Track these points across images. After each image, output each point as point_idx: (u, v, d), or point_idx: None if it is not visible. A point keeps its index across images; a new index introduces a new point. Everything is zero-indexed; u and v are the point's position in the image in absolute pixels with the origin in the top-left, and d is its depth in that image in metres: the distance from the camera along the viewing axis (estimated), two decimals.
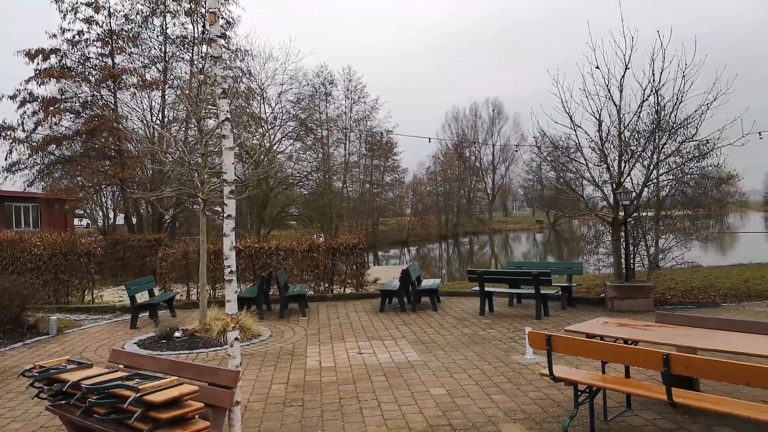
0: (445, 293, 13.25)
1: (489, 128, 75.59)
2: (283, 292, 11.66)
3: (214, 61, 4.40)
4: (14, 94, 22.94)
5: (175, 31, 24.82)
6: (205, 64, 23.18)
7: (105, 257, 16.82)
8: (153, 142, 20.98)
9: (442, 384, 6.53)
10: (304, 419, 5.56)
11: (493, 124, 76.11)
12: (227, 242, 4.51)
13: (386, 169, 48.93)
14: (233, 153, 4.55)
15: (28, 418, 5.88)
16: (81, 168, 22.87)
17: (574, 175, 14.13)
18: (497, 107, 75.91)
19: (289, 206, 33.50)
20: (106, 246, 18.49)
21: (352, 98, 43.37)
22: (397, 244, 48.22)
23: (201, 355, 8.40)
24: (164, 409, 3.80)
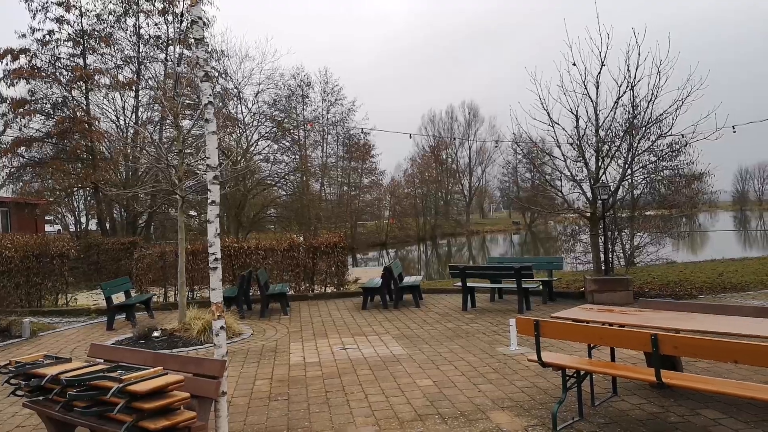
0: (426, 291, 13.23)
1: (465, 131, 76.10)
2: (264, 291, 11.51)
3: (197, 43, 4.30)
4: None
5: (149, 31, 24.46)
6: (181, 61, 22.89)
7: (78, 261, 16.41)
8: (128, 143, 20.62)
9: (428, 376, 6.49)
10: (291, 412, 5.46)
11: (469, 127, 76.67)
12: (211, 229, 4.40)
13: (364, 171, 48.88)
14: (216, 137, 4.45)
15: (4, 417, 5.68)
16: (52, 171, 22.31)
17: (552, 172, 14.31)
18: (473, 110, 76.55)
19: (267, 207, 33.19)
20: (80, 249, 18.05)
21: (329, 100, 43.31)
22: (375, 247, 48.14)
23: (181, 354, 8.20)
24: (149, 399, 3.67)
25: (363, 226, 52.35)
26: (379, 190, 53.00)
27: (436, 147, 68.56)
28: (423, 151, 68.00)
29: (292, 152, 36.04)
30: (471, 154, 76.61)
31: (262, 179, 31.43)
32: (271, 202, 33.79)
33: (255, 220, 30.92)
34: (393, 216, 56.44)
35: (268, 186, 32.65)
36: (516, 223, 73.53)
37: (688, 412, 5.00)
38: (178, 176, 9.82)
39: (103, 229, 24.66)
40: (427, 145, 68.75)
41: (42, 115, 23.04)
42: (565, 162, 12.58)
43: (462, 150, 74.99)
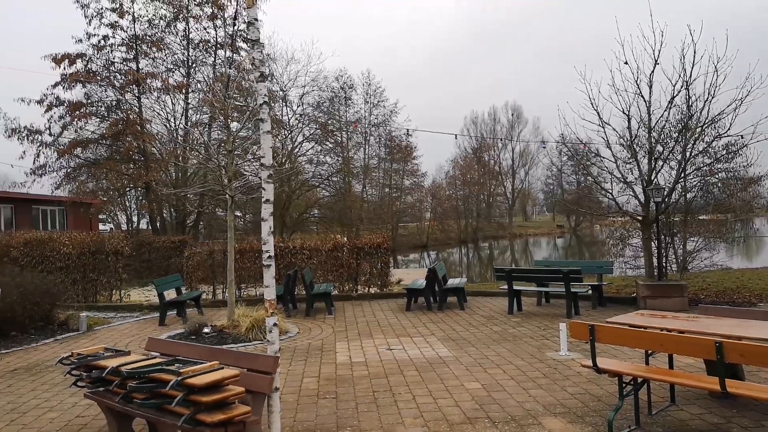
0: (470, 293, 13.09)
1: (508, 132, 75.16)
2: (309, 290, 11.63)
3: (252, 44, 4.38)
4: (41, 98, 23.27)
5: (198, 36, 25.08)
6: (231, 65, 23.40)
7: (131, 258, 16.94)
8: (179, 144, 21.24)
9: (476, 379, 6.41)
10: (339, 411, 5.48)
11: (512, 128, 75.68)
12: (265, 227, 4.47)
13: (406, 172, 48.83)
14: (270, 137, 4.51)
15: (64, 408, 5.90)
16: (106, 171, 23.15)
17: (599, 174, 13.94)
18: (516, 111, 75.50)
19: (310, 208, 33.59)
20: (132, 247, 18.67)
21: (372, 102, 43.44)
22: (416, 249, 48.03)
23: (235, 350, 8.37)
24: (206, 392, 3.75)
25: (404, 227, 52.34)
26: (421, 191, 52.86)
27: (478, 149, 67.95)
28: (465, 153, 67.51)
29: (335, 153, 36.40)
30: (514, 156, 75.66)
31: (306, 180, 31.83)
32: (315, 203, 34.17)
33: (299, 221, 31.34)
34: (434, 218, 56.23)
35: (311, 187, 33.03)
36: (560, 226, 72.09)
37: (752, 423, 4.77)
38: (227, 177, 10.02)
39: (153, 228, 25.43)
40: (469, 146, 68.22)
41: (97, 118, 23.92)
42: (615, 163, 12.25)
43: (504, 152, 74.14)
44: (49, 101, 23.09)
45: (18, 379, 7.10)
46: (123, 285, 14.29)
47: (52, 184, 24.65)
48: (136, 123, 23.02)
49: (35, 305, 10.09)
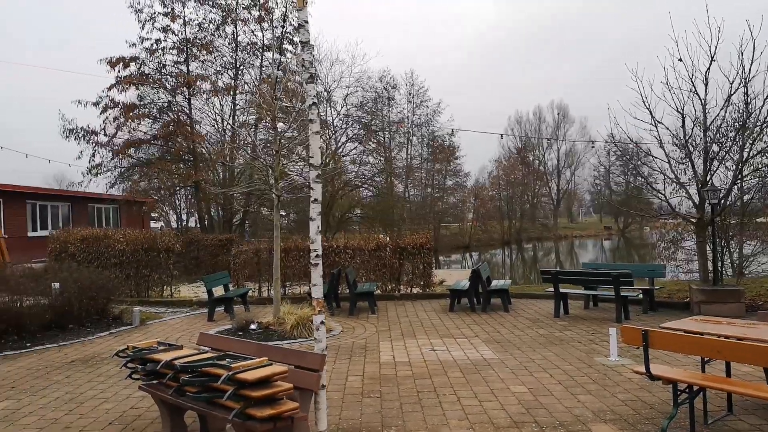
0: (514, 295, 12.89)
1: (554, 132, 73.64)
2: (353, 289, 11.71)
3: (302, 46, 4.43)
4: (97, 100, 24.27)
5: (245, 39, 25.62)
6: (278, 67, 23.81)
7: (181, 255, 17.43)
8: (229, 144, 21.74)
9: (522, 382, 6.31)
10: (384, 410, 5.50)
11: (558, 128, 74.13)
12: (313, 226, 4.52)
13: (448, 172, 48.56)
14: (319, 137, 4.56)
15: (119, 399, 6.12)
16: (158, 171, 23.94)
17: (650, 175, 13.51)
18: (562, 110, 73.86)
19: (353, 208, 33.82)
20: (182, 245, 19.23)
21: (414, 102, 43.40)
22: (458, 249, 47.68)
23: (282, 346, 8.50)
24: (255, 387, 3.82)
25: (446, 228, 52.06)
26: (463, 192, 52.45)
27: (522, 149, 66.90)
28: (509, 153, 66.60)
29: (377, 154, 36.52)
30: (559, 156, 74.08)
31: (349, 180, 32.06)
32: (358, 202, 34.38)
33: (342, 221, 31.59)
34: (476, 218, 55.71)
35: (354, 187, 33.25)
36: (608, 228, 70.24)
37: None
38: (274, 176, 10.20)
39: (202, 226, 26.14)
40: (513, 146, 67.26)
41: (149, 119, 24.77)
42: (668, 163, 11.84)
43: (550, 152, 72.72)
44: (105, 103, 24.05)
45: (75, 371, 7.42)
46: (173, 281, 14.73)
47: (107, 183, 25.68)
48: (186, 124, 23.73)
49: (91, 300, 10.53)
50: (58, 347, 8.88)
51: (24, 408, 5.87)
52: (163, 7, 23.93)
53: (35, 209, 24.93)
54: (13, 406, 5.95)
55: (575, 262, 40.60)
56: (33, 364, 7.84)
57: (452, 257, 43.86)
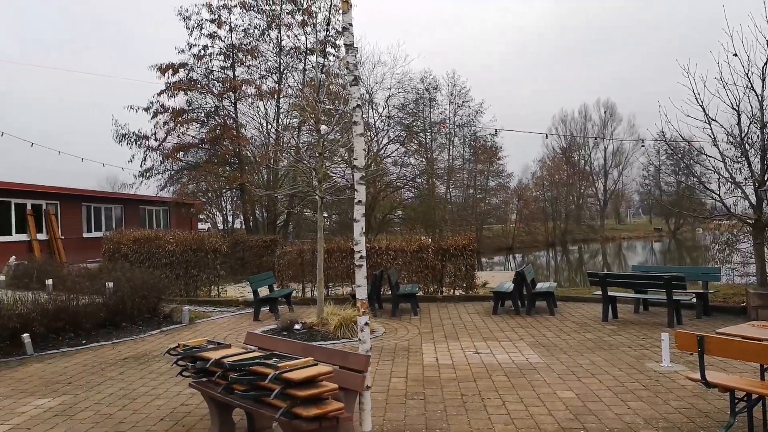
0: (560, 298, 12.62)
1: (600, 130, 71.75)
2: (395, 290, 11.71)
3: (347, 49, 4.47)
4: (148, 106, 25.11)
5: (289, 43, 26.03)
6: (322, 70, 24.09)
7: (227, 256, 17.83)
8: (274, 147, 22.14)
9: (569, 387, 6.18)
10: (428, 412, 5.47)
11: (605, 126, 72.16)
12: (357, 227, 4.54)
13: (490, 173, 48.00)
14: (363, 139, 4.59)
15: (170, 396, 6.31)
16: (205, 174, 24.59)
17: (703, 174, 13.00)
18: (609, 108, 71.89)
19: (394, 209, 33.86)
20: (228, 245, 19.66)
21: (456, 103, 43.10)
22: (501, 251, 47.07)
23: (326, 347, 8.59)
24: (302, 387, 3.87)
25: (488, 229, 51.47)
26: (506, 192, 51.73)
27: (567, 148, 65.45)
28: (553, 152, 65.25)
29: (419, 155, 36.45)
30: (606, 156, 72.11)
31: (391, 182, 32.12)
32: (399, 204, 34.40)
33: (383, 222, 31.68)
34: (520, 219, 54.88)
35: (396, 188, 33.29)
36: (658, 230, 67.99)
37: None
38: (317, 179, 10.31)
39: (247, 228, 26.68)
40: (558, 146, 65.87)
41: (197, 123, 25.46)
42: (723, 162, 11.37)
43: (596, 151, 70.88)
44: (155, 108, 24.84)
45: (128, 367, 7.69)
46: (220, 281, 15.07)
47: (157, 186, 26.52)
48: (232, 128, 24.29)
49: (143, 298, 10.89)
50: (112, 344, 9.22)
51: (80, 403, 6.12)
52: (210, 14, 24.57)
53: (90, 211, 26.00)
54: (71, 401, 6.21)
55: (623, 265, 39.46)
56: (88, 360, 8.17)
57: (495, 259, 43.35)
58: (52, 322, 9.21)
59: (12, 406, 6.04)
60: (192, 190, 26.34)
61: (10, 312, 8.70)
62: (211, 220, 35.31)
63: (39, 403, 6.14)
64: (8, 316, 8.60)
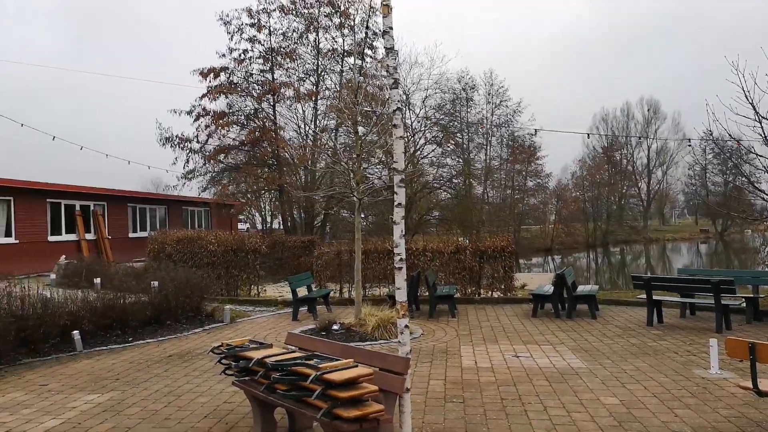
0: (602, 301, 12.34)
1: (643, 129, 69.88)
2: (433, 292, 11.68)
3: (387, 52, 4.49)
4: (190, 109, 25.78)
5: (326, 45, 26.30)
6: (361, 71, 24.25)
7: (265, 256, 18.12)
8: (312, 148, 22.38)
9: (613, 393, 6.03)
10: (467, 416, 5.44)
11: (648, 125, 70.26)
12: (397, 230, 4.55)
13: (529, 173, 47.31)
14: (403, 142, 4.59)
15: (213, 393, 6.45)
16: (245, 175, 25.06)
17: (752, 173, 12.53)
18: (653, 106, 69.97)
19: (431, 210, 33.75)
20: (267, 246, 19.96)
21: (494, 102, 42.66)
22: (540, 252, 46.38)
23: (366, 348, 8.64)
24: (342, 388, 3.90)
25: (526, 230, 50.77)
26: (545, 193, 50.90)
27: (608, 147, 63.91)
28: (594, 152, 63.85)
29: (456, 155, 36.23)
30: (650, 155, 70.20)
31: (427, 183, 32.03)
32: (436, 205, 34.28)
33: (420, 223, 31.62)
34: (559, 220, 53.93)
35: (433, 189, 33.18)
36: (704, 231, 65.76)
37: None
38: (355, 180, 10.37)
39: (285, 228, 27.07)
40: (599, 145, 64.40)
41: (237, 126, 26.00)
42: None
43: (639, 150, 69.09)
44: (197, 112, 25.49)
45: (173, 365, 7.89)
46: (260, 281, 15.33)
47: (199, 187, 27.20)
48: (271, 130, 24.69)
49: (187, 297, 11.17)
50: (157, 342, 9.49)
51: (128, 399, 6.32)
52: (250, 18, 25.04)
53: (135, 212, 26.82)
54: (118, 397, 6.42)
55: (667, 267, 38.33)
56: (135, 357, 8.43)
57: (533, 260, 42.75)
58: (100, 319, 9.55)
59: (64, 401, 6.28)
60: (232, 191, 26.88)
61: (60, 310, 9.06)
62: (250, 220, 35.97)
63: (89, 398, 6.37)
64: (59, 313, 8.96)
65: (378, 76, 25.84)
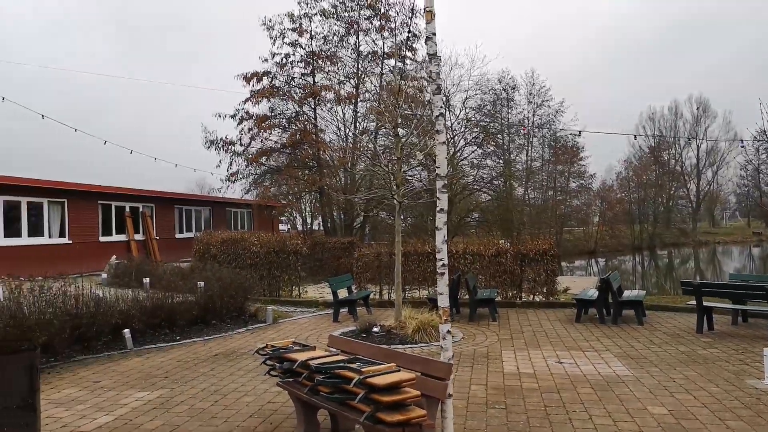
0: (648, 307, 12.00)
1: (692, 128, 67.48)
2: (473, 295, 11.60)
3: (430, 58, 4.50)
4: (234, 113, 26.34)
5: (366, 48, 26.45)
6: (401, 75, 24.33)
7: (306, 257, 18.36)
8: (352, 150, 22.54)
9: (662, 403, 5.87)
10: (510, 423, 5.39)
11: (697, 124, 67.80)
12: (439, 236, 4.56)
13: (571, 174, 46.32)
14: (446, 147, 4.60)
15: (257, 393, 6.59)
16: (286, 177, 25.46)
17: None
18: (702, 104, 67.46)
19: (470, 212, 33.49)
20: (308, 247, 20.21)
21: (535, 102, 41.96)
22: (583, 255, 45.37)
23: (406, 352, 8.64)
24: (386, 392, 3.93)
25: (569, 232, 49.72)
26: (588, 194, 49.73)
27: (655, 147, 62.01)
28: (640, 151, 62.04)
29: (496, 156, 35.84)
30: (699, 155, 67.70)
31: (467, 184, 31.79)
32: (476, 206, 33.98)
33: (459, 225, 31.41)
34: (603, 222, 52.62)
35: (472, 191, 32.92)
36: (757, 233, 63.02)
37: None
38: (396, 183, 10.41)
39: (325, 229, 27.35)
40: (645, 145, 62.53)
41: (279, 129, 26.44)
42: None
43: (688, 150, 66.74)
44: (240, 115, 26.03)
45: (219, 364, 8.09)
46: (301, 282, 15.54)
47: (242, 189, 27.78)
48: (311, 133, 25.00)
49: (231, 298, 11.43)
50: (203, 341, 9.75)
51: (176, 397, 6.52)
52: (292, 23, 25.41)
53: (182, 213, 27.62)
54: (168, 394, 6.63)
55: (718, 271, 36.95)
56: (182, 356, 8.68)
57: (576, 263, 41.88)
58: (149, 318, 9.87)
59: (116, 398, 6.53)
60: (274, 192, 27.33)
61: (112, 309, 9.41)
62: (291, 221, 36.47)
63: (139, 395, 6.61)
64: (111, 312, 9.31)
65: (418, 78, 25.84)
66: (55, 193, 19.36)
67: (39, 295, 8.58)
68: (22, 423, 4.39)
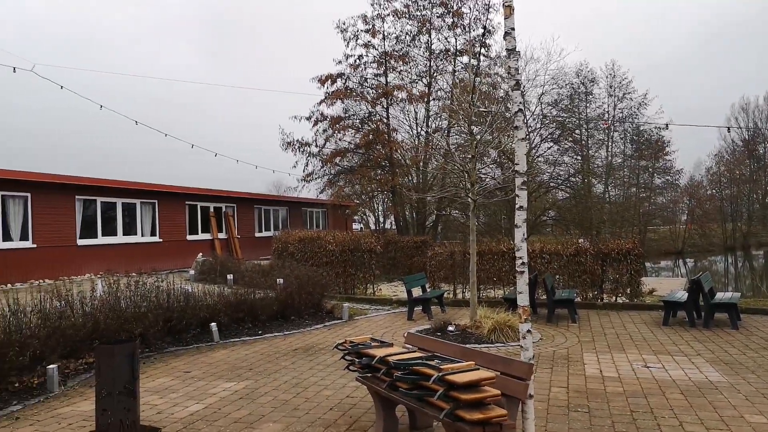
0: (744, 310, 11.21)
1: None
2: (551, 296, 11.30)
3: (509, 53, 4.44)
4: (309, 115, 27.05)
5: (438, 46, 26.37)
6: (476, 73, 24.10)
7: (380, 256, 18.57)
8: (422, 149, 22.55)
9: (760, 411, 5.49)
10: (593, 427, 5.22)
11: None
12: (519, 233, 4.49)
13: (656, 170, 43.96)
14: (525, 144, 4.53)
15: (336, 387, 6.75)
16: (360, 177, 25.84)
17: None
18: None
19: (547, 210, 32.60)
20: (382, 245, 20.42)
21: (616, 95, 40.17)
22: (669, 255, 43.03)
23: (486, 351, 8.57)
24: (465, 390, 3.93)
25: (653, 231, 47.26)
26: (675, 191, 47.01)
27: (750, 140, 57.69)
28: (733, 145, 57.94)
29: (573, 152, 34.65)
30: None
31: (543, 182, 30.97)
32: (552, 204, 33.04)
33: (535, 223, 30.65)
34: (691, 221, 49.61)
35: (549, 188, 32.03)
36: None
37: None
38: (470, 181, 10.32)
39: (398, 228, 27.53)
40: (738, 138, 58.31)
41: (353, 129, 26.87)
42: None
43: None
44: (315, 117, 26.69)
45: (299, 358, 8.36)
46: (375, 280, 15.73)
47: (317, 189, 28.46)
48: (384, 132, 25.23)
49: (309, 294, 11.77)
50: (283, 336, 10.10)
51: (260, 388, 6.80)
52: (365, 24, 25.75)
53: (261, 213, 28.70)
54: (252, 385, 6.93)
55: None
56: (264, 349, 9.03)
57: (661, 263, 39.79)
58: (234, 313, 10.36)
59: (205, 388, 6.90)
60: (347, 192, 27.81)
61: (200, 303, 9.96)
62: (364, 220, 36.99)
63: (227, 386, 6.95)
64: (199, 306, 9.86)
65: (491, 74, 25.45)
66: (147, 195, 20.67)
67: (134, 290, 9.22)
68: (123, 408, 4.74)
